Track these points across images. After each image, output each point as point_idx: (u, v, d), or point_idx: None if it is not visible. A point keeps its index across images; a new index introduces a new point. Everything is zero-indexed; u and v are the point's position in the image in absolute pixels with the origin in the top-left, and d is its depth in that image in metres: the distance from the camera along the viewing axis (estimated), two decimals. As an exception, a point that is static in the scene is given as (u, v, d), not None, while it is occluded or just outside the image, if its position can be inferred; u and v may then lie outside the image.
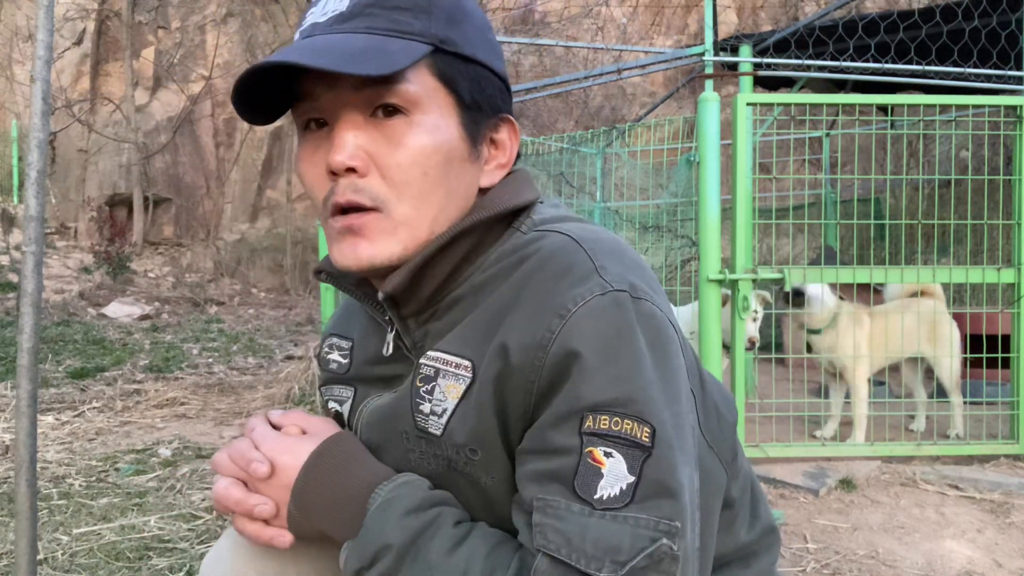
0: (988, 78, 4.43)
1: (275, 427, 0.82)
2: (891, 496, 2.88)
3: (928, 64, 4.32)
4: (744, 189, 3.18)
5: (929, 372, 3.79)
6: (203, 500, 2.78)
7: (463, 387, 0.72)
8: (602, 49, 7.49)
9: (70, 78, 13.20)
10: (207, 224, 13.41)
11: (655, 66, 5.10)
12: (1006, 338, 3.41)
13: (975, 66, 4.47)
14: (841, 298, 3.53)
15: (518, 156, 0.85)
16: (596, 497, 0.63)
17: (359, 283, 0.84)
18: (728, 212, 3.27)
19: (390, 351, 0.83)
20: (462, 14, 0.77)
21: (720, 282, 3.16)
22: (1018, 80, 4.33)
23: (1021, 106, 3.24)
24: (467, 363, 0.72)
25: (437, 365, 0.75)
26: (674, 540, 0.63)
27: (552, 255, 0.72)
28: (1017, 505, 2.77)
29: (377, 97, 0.73)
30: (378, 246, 0.74)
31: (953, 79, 4.44)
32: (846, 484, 2.98)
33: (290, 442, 0.78)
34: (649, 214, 5.69)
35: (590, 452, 0.64)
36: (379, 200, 0.74)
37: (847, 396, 3.78)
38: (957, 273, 3.33)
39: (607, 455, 0.64)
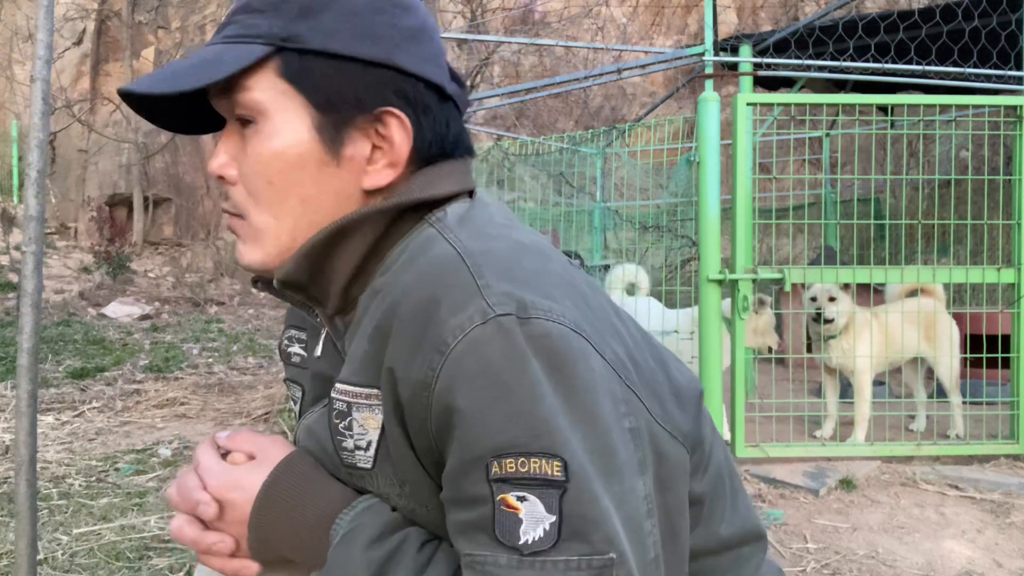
0: (988, 78, 4.43)
1: (225, 451, 0.78)
2: (891, 496, 2.88)
3: (928, 64, 4.32)
4: (744, 189, 3.18)
5: (929, 372, 3.79)
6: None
7: (380, 416, 0.68)
8: (602, 49, 7.49)
9: (70, 78, 13.21)
10: (207, 224, 13.42)
11: (655, 66, 5.10)
12: (1006, 338, 3.41)
13: (975, 66, 4.46)
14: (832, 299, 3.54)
15: (459, 150, 0.78)
16: (521, 543, 0.60)
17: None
18: (728, 212, 3.27)
19: (319, 352, 0.81)
20: (322, 4, 0.72)
21: (720, 282, 3.16)
22: (1018, 80, 4.33)
23: (1021, 106, 3.24)
24: (375, 391, 0.68)
25: (347, 399, 0.71)
26: (611, 571, 0.60)
27: (430, 271, 0.67)
28: (1017, 505, 2.77)
29: (231, 108, 0.74)
30: (248, 249, 0.77)
31: (953, 79, 4.44)
32: (846, 484, 2.98)
33: (238, 475, 0.74)
34: (649, 214, 5.69)
35: (502, 500, 0.60)
36: (240, 208, 0.76)
37: (843, 396, 3.78)
38: (957, 273, 3.33)
39: (520, 499, 0.60)
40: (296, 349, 0.89)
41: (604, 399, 0.64)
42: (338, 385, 0.73)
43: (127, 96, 0.73)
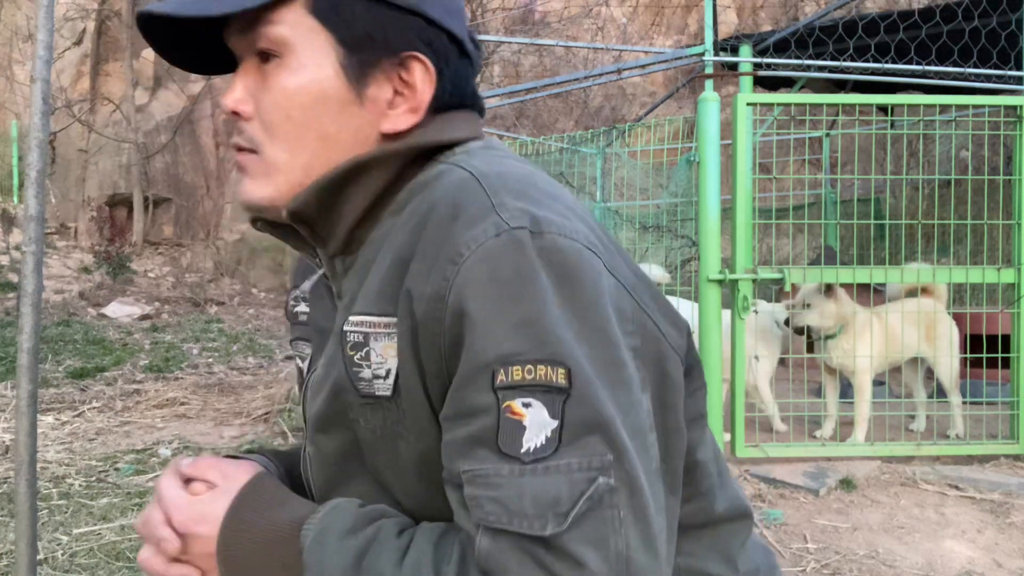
0: (988, 78, 4.43)
1: (189, 479, 0.78)
2: (891, 496, 2.88)
3: (928, 64, 4.32)
4: (744, 189, 3.18)
5: (929, 372, 3.80)
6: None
7: (397, 344, 0.69)
8: (602, 49, 7.49)
9: (70, 78, 13.20)
10: (207, 224, 13.41)
11: (655, 66, 5.10)
12: (1006, 338, 3.41)
13: (975, 66, 4.46)
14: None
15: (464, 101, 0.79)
16: (524, 451, 0.60)
17: (295, 232, 0.82)
18: (728, 212, 3.27)
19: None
20: None
21: (720, 282, 3.16)
22: (1018, 80, 4.33)
23: (1021, 106, 3.24)
24: (393, 319, 0.69)
25: (364, 329, 0.72)
26: (610, 473, 0.61)
27: (448, 194, 0.69)
28: (1017, 505, 2.77)
29: (254, 41, 0.74)
30: (255, 185, 0.76)
31: (953, 79, 4.44)
32: (846, 484, 2.98)
33: (201, 507, 0.73)
34: (649, 214, 5.69)
35: (508, 406, 0.61)
36: (255, 143, 0.76)
37: (843, 396, 3.78)
38: (957, 273, 3.33)
39: (526, 405, 0.61)
40: (302, 308, 0.91)
41: (612, 314, 0.66)
42: (352, 318, 0.73)
43: (148, 19, 0.72)
